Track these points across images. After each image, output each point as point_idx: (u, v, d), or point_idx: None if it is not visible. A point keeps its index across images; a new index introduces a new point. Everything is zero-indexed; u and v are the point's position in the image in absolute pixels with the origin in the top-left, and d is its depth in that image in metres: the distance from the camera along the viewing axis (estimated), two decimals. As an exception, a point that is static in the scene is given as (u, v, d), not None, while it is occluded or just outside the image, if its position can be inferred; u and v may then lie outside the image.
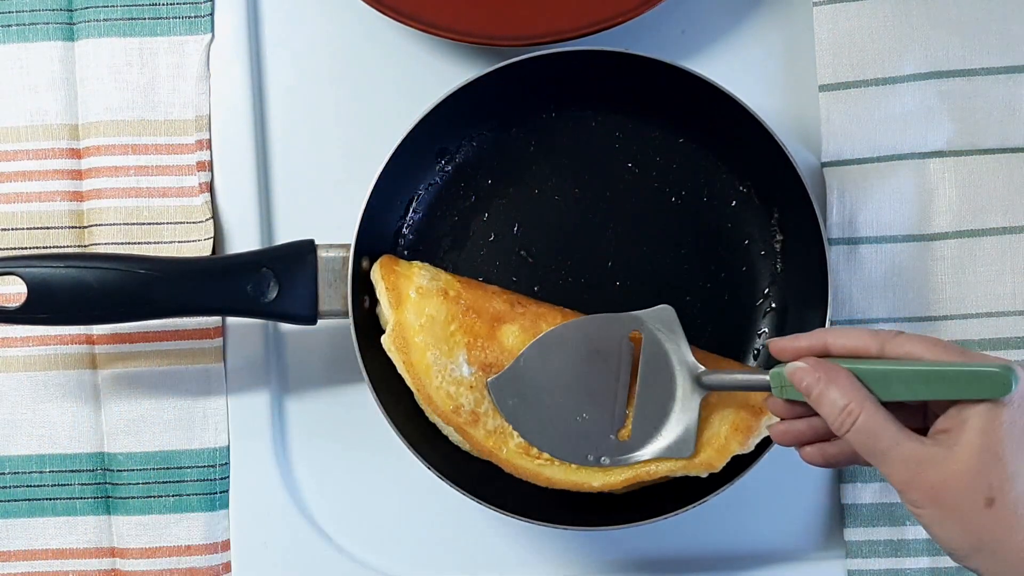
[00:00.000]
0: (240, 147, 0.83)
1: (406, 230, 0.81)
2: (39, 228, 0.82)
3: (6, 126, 0.82)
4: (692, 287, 0.81)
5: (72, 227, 0.82)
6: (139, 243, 0.81)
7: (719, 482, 0.75)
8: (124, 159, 0.82)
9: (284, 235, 0.84)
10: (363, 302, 0.78)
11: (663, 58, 0.76)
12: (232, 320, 0.82)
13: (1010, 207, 0.81)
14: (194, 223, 0.82)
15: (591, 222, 0.81)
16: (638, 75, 0.78)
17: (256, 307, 0.76)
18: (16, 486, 0.82)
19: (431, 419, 0.78)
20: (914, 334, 0.63)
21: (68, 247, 0.82)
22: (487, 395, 0.76)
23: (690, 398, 0.74)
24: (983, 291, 0.81)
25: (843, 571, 0.82)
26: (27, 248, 0.82)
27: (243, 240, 0.82)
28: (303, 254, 0.76)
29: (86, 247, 0.82)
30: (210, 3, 0.83)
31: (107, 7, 0.82)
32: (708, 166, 0.81)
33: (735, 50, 0.84)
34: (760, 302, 0.81)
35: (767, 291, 0.81)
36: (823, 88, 0.82)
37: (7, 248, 0.82)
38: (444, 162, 0.81)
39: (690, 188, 0.81)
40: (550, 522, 0.75)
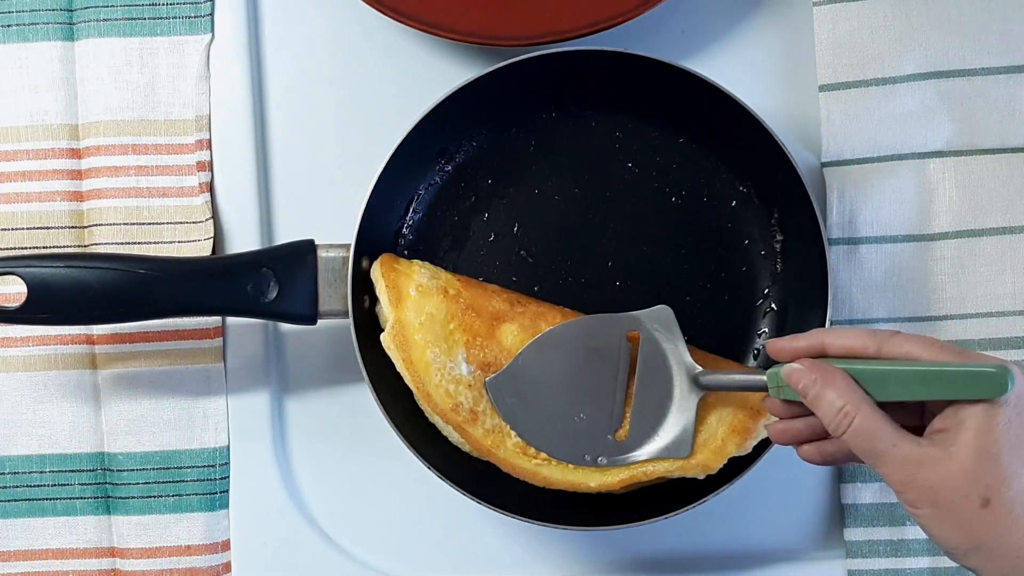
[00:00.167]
0: (240, 147, 0.83)
1: (406, 230, 0.81)
2: (39, 228, 0.82)
3: (6, 126, 0.82)
4: (692, 287, 0.81)
5: (72, 227, 0.82)
6: (139, 243, 0.81)
7: (719, 482, 0.75)
8: (124, 159, 0.82)
9: (284, 235, 0.84)
10: (363, 302, 0.78)
11: (663, 58, 0.76)
12: (232, 320, 0.83)
13: (1010, 207, 0.81)
14: (194, 223, 0.82)
15: (591, 222, 0.81)
16: (638, 75, 0.78)
17: (256, 307, 0.76)
18: (16, 486, 0.82)
19: (430, 419, 0.78)
20: (911, 334, 0.63)
21: (68, 247, 0.82)
22: (485, 394, 0.76)
23: (687, 398, 0.74)
24: (983, 291, 0.81)
25: (843, 571, 0.82)
26: (27, 248, 0.82)
27: (243, 240, 0.82)
28: (303, 254, 0.76)
29: (86, 247, 0.82)
30: (210, 3, 0.83)
31: (107, 7, 0.82)
32: (708, 166, 0.81)
33: (735, 50, 0.84)
34: (760, 302, 0.81)
35: (767, 291, 0.81)
36: (823, 88, 0.82)
37: (7, 248, 0.82)
38: (444, 162, 0.81)
39: (690, 188, 0.81)
40: (549, 522, 0.75)
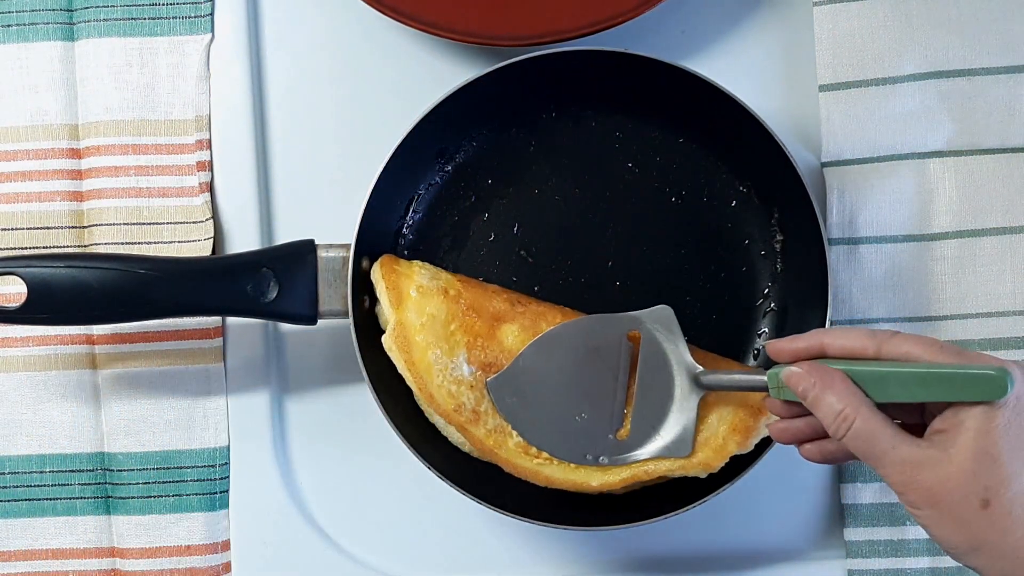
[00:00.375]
0: (240, 147, 0.83)
1: (406, 230, 0.81)
2: (39, 228, 0.82)
3: (6, 126, 0.82)
4: (692, 287, 0.81)
5: (72, 227, 0.82)
6: (139, 243, 0.81)
7: (719, 482, 0.75)
8: (124, 159, 0.82)
9: (284, 235, 0.84)
10: (363, 302, 0.78)
11: (663, 58, 0.76)
12: (232, 320, 0.82)
13: (1010, 207, 0.81)
14: (194, 223, 0.82)
15: (591, 222, 0.81)
16: (638, 75, 0.78)
17: (256, 307, 0.76)
18: (16, 486, 0.82)
19: (431, 419, 0.78)
20: (911, 334, 0.63)
21: (68, 247, 0.82)
22: (487, 394, 0.76)
23: (688, 398, 0.74)
24: (983, 291, 0.81)
25: (843, 571, 0.82)
26: (27, 248, 0.82)
27: (243, 240, 0.82)
28: (303, 254, 0.76)
29: (86, 247, 0.82)
30: (210, 3, 0.83)
31: (107, 7, 0.82)
32: (708, 166, 0.81)
33: (735, 50, 0.84)
34: (760, 302, 0.81)
35: (767, 291, 0.81)
36: (823, 88, 0.82)
37: (7, 248, 0.82)
38: (444, 162, 0.81)
39: (690, 188, 0.81)
40: (549, 522, 0.75)
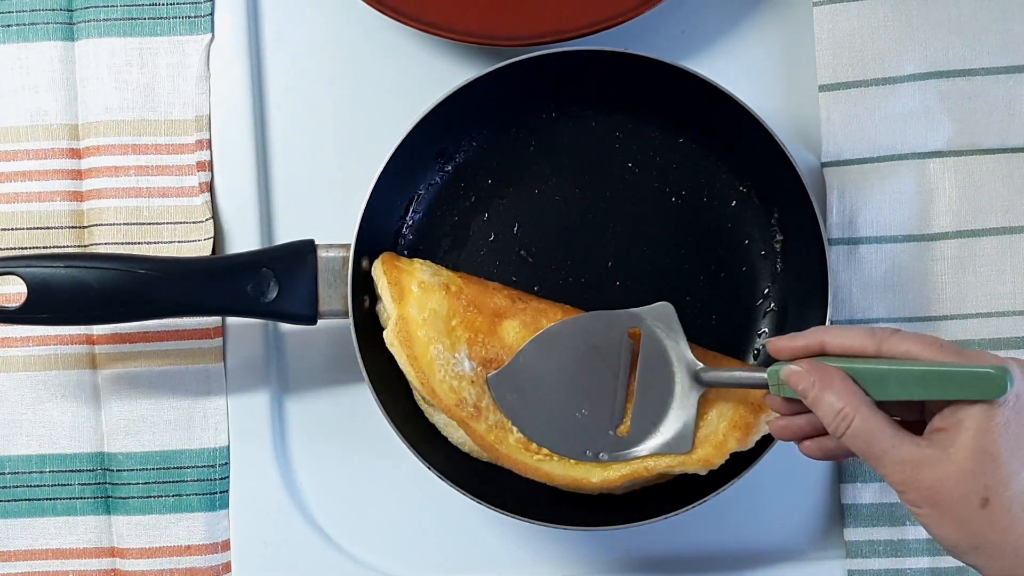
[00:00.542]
0: (240, 147, 0.83)
1: (406, 230, 0.81)
2: (39, 228, 0.82)
3: (6, 126, 0.82)
4: (692, 287, 0.81)
5: (72, 227, 0.82)
6: (139, 243, 0.81)
7: (719, 482, 0.75)
8: (124, 159, 0.82)
9: (284, 235, 0.84)
10: (363, 302, 0.78)
11: (663, 58, 0.76)
12: (232, 320, 0.82)
13: (1010, 207, 0.81)
14: (194, 223, 0.82)
15: (591, 222, 0.81)
16: (638, 75, 0.78)
17: (256, 307, 0.76)
18: (16, 486, 0.82)
19: (431, 419, 0.78)
20: (910, 333, 0.63)
21: (68, 247, 0.82)
22: (487, 390, 0.76)
23: (688, 395, 0.74)
24: (983, 291, 0.81)
25: (843, 571, 0.82)
26: (27, 248, 0.82)
27: (243, 240, 0.82)
28: (303, 254, 0.76)
29: (86, 247, 0.82)
30: (210, 3, 0.83)
31: (107, 7, 0.82)
32: (708, 166, 0.81)
33: (735, 50, 0.84)
34: (760, 302, 0.81)
35: (767, 291, 0.81)
36: (823, 88, 0.82)
37: (7, 248, 0.82)
38: (444, 162, 0.81)
39: (690, 188, 0.81)
40: (550, 522, 0.75)
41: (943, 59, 0.81)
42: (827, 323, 0.76)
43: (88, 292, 0.73)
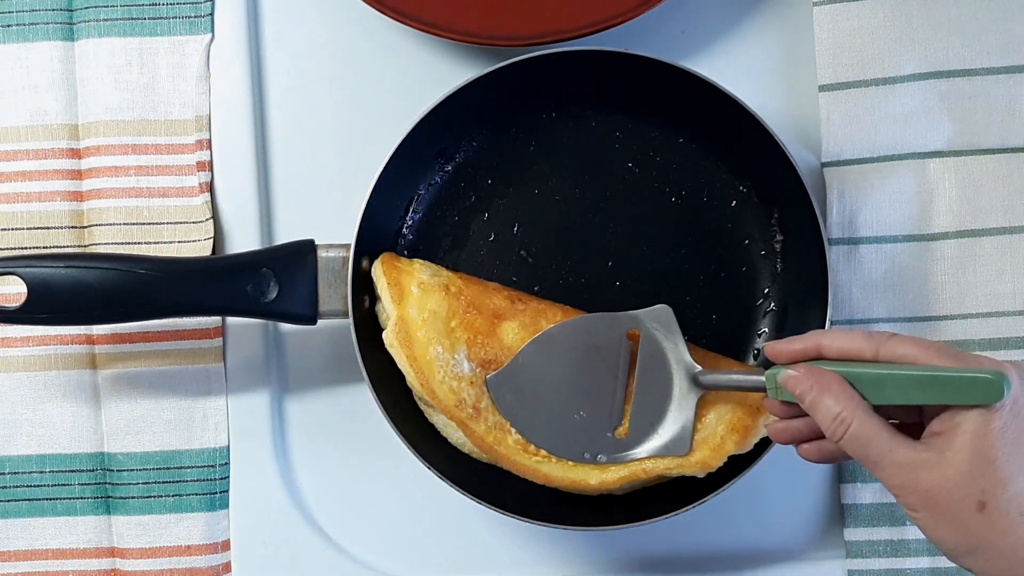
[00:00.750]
0: (240, 147, 0.83)
1: (406, 230, 0.81)
2: (39, 228, 0.82)
3: (6, 126, 0.82)
4: (692, 287, 0.81)
5: (72, 227, 0.82)
6: (139, 243, 0.81)
7: (719, 482, 0.75)
8: (124, 159, 0.82)
9: (284, 235, 0.84)
10: (363, 302, 0.78)
11: (663, 58, 0.76)
12: (232, 320, 0.83)
13: (1010, 207, 0.81)
14: (194, 223, 0.82)
15: (591, 222, 0.81)
16: (638, 75, 0.78)
17: (256, 307, 0.76)
18: (16, 486, 0.82)
19: (430, 419, 0.78)
20: (908, 336, 0.63)
21: (68, 247, 0.82)
22: (486, 391, 0.76)
23: (687, 397, 0.74)
24: (983, 291, 0.81)
25: (843, 571, 0.82)
26: (27, 248, 0.82)
27: (243, 240, 0.82)
28: (303, 254, 0.76)
29: (86, 247, 0.82)
30: (210, 3, 0.83)
31: (107, 7, 0.82)
32: (708, 166, 0.81)
33: (735, 50, 0.84)
34: (760, 302, 0.81)
35: (767, 291, 0.81)
36: (823, 88, 0.82)
37: (7, 248, 0.82)
38: (444, 162, 0.81)
39: (690, 188, 0.81)
40: (549, 522, 0.75)
41: (943, 59, 0.81)
42: (827, 323, 0.76)
43: (88, 292, 0.73)
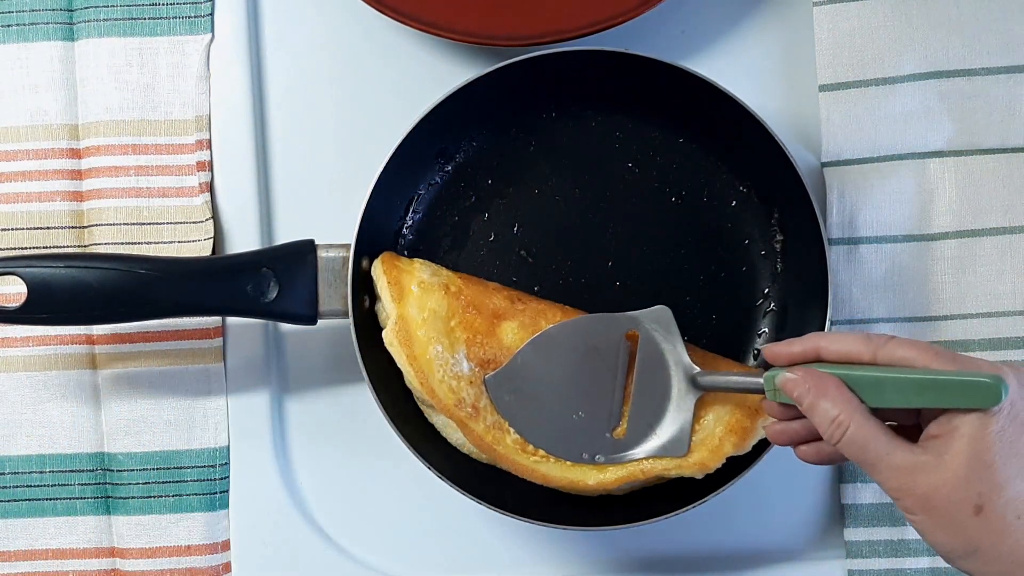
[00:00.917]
0: (240, 147, 0.83)
1: (406, 230, 0.81)
2: (39, 228, 0.82)
3: (6, 126, 0.82)
4: (692, 287, 0.81)
5: (72, 227, 0.82)
6: (139, 243, 0.81)
7: (718, 482, 0.75)
8: (124, 159, 0.82)
9: (284, 235, 0.84)
10: (363, 302, 0.78)
11: (663, 58, 0.76)
12: (232, 320, 0.83)
13: (1010, 207, 0.81)
14: (194, 223, 0.82)
15: (591, 222, 0.81)
16: (638, 75, 0.78)
17: (256, 307, 0.76)
18: (16, 486, 0.82)
19: (430, 420, 0.78)
20: (906, 339, 0.63)
21: (68, 247, 0.82)
22: (485, 391, 0.76)
23: (685, 398, 0.74)
24: (983, 291, 0.81)
25: (843, 571, 0.82)
26: (27, 248, 0.82)
27: (243, 240, 0.82)
28: (303, 254, 0.76)
29: (86, 247, 0.82)
30: (210, 3, 0.83)
31: (107, 7, 0.82)
32: (708, 166, 0.81)
33: (735, 50, 0.84)
34: (760, 302, 0.81)
35: (767, 291, 0.81)
36: (823, 88, 0.82)
37: (7, 248, 0.82)
38: (444, 162, 0.81)
39: (690, 188, 0.81)
40: (549, 522, 0.75)
41: (943, 59, 0.81)
42: (827, 323, 0.76)
43: (88, 292, 0.73)
